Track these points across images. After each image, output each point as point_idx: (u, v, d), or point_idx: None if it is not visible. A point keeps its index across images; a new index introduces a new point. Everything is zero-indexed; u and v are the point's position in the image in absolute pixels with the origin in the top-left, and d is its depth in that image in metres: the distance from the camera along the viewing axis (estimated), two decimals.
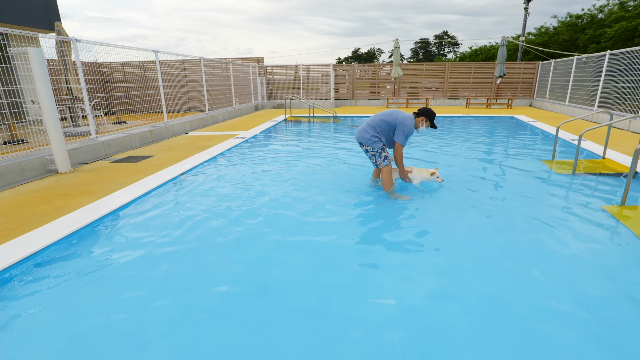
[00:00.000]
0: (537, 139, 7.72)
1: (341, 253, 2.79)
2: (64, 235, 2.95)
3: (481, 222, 3.32)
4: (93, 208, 3.56)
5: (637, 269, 2.48)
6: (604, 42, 15.29)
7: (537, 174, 4.85)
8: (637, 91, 8.64)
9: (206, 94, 10.62)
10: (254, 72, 15.51)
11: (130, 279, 2.44)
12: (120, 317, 2.06)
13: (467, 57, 29.23)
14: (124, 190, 4.13)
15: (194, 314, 2.08)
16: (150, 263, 2.64)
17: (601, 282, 2.34)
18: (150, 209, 3.68)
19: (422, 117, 3.97)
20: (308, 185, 4.46)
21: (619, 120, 4.52)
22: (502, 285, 2.34)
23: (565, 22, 19.12)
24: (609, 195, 3.97)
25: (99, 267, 2.59)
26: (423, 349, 1.80)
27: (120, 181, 4.54)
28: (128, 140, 6.84)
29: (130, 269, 2.57)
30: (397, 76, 15.13)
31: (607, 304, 2.12)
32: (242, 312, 2.10)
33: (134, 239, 3.03)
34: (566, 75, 12.77)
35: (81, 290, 2.31)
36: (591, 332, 1.90)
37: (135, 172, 5.01)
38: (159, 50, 7.99)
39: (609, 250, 2.77)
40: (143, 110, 7.82)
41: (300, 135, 8.45)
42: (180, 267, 2.60)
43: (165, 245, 2.90)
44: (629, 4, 15.78)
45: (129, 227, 3.26)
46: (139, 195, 3.99)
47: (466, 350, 1.79)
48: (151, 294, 2.28)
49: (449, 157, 5.96)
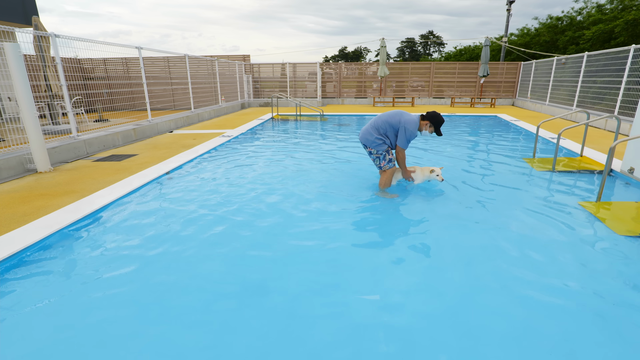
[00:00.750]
0: (519, 137, 7.92)
1: (331, 250, 2.81)
2: (44, 235, 2.87)
3: (465, 218, 3.40)
4: (75, 208, 3.48)
5: (610, 261, 2.60)
6: (582, 43, 15.76)
7: (519, 172, 4.98)
8: (613, 92, 8.97)
9: (191, 91, 10.47)
10: (240, 70, 15.37)
11: (114, 280, 2.40)
12: (102, 319, 2.03)
13: (452, 56, 29.67)
14: (106, 190, 4.04)
15: (180, 315, 2.07)
16: (135, 263, 2.60)
17: (577, 272, 2.44)
18: (134, 209, 3.62)
19: (427, 121, 3.79)
20: (295, 183, 4.47)
21: (595, 119, 4.69)
22: (485, 278, 2.40)
23: (546, 23, 19.62)
24: (586, 192, 4.12)
25: (82, 268, 2.54)
26: (406, 346, 1.84)
27: (102, 180, 4.44)
28: (111, 139, 6.69)
29: (113, 269, 2.52)
30: (384, 75, 15.24)
31: (580, 293, 2.21)
32: (230, 312, 2.10)
33: (117, 239, 2.98)
34: (547, 76, 13.13)
35: (62, 292, 2.26)
36: (568, 319, 1.98)
37: (118, 171, 4.91)
38: (142, 47, 7.83)
39: (583, 243, 2.87)
40: (126, 108, 7.65)
41: (287, 134, 8.43)
42: (164, 266, 2.57)
43: (150, 245, 2.87)
44: (606, 7, 16.32)
45: (112, 227, 3.20)
46: (123, 195, 3.92)
47: (448, 341, 1.84)
48: (135, 294, 2.25)
49: (435, 154, 6.05)
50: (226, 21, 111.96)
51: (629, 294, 2.24)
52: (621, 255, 2.69)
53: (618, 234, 3.00)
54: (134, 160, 5.55)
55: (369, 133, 3.91)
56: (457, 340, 1.85)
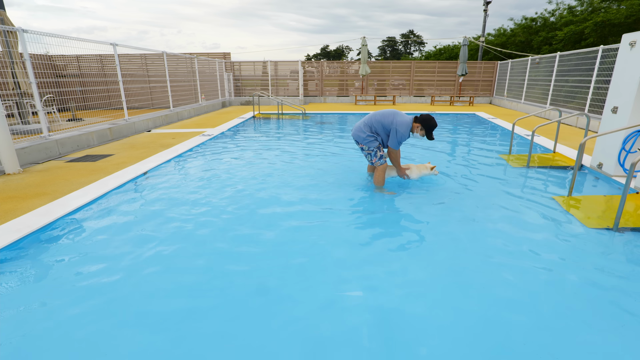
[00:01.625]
0: (496, 134, 8.15)
1: (318, 246, 2.81)
2: (13, 240, 2.75)
3: (446, 213, 3.47)
4: (46, 210, 3.34)
5: (578, 251, 2.71)
6: (555, 44, 16.35)
7: (496, 168, 5.13)
8: (584, 90, 9.35)
9: (170, 90, 10.23)
10: (221, 67, 15.13)
11: (88, 286, 2.32)
12: (75, 327, 1.95)
13: (432, 56, 30.18)
14: (81, 191, 3.90)
15: (156, 320, 2.02)
16: (111, 268, 2.52)
17: (548, 262, 2.53)
18: (110, 210, 3.50)
19: (419, 124, 3.77)
20: (279, 182, 4.44)
21: (567, 117, 4.88)
22: (463, 270, 2.46)
23: (521, 24, 20.22)
24: (558, 187, 4.28)
25: (53, 273, 2.44)
26: (389, 340, 1.86)
27: (76, 182, 4.28)
28: (85, 139, 6.46)
29: (87, 275, 2.44)
30: (365, 74, 15.35)
31: (549, 281, 2.30)
32: (214, 310, 2.07)
33: (92, 242, 2.88)
34: (522, 75, 13.55)
35: (32, 299, 2.16)
36: (537, 305, 2.06)
37: (93, 171, 4.74)
38: (117, 43, 7.59)
39: (555, 235, 2.99)
40: (102, 106, 7.39)
41: (269, 132, 8.37)
42: (141, 270, 2.50)
43: (127, 249, 2.78)
44: (577, 9, 16.98)
45: (87, 229, 3.09)
46: (98, 196, 3.79)
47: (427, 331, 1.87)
48: (110, 300, 2.18)
49: (417, 150, 6.15)
50: (206, 18, 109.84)
51: (596, 282, 2.35)
52: (589, 246, 2.81)
53: (587, 226, 3.13)
54: (110, 161, 5.38)
55: (361, 130, 3.94)
56: (437, 332, 1.89)
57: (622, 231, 3.03)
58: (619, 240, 2.90)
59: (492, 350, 1.78)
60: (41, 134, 5.80)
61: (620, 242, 2.88)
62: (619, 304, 2.12)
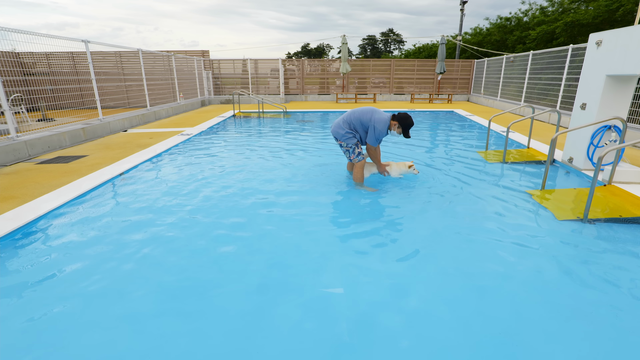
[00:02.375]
0: (473, 131, 8.36)
1: (297, 243, 2.81)
2: None
3: (426, 208, 3.53)
4: (15, 215, 3.19)
5: (550, 241, 2.83)
6: (528, 43, 16.89)
7: (473, 164, 5.26)
8: (556, 88, 9.72)
9: (146, 88, 9.95)
10: (200, 66, 14.84)
11: (59, 294, 2.23)
12: (45, 335, 1.88)
13: (412, 54, 30.60)
14: (53, 194, 3.74)
15: (132, 330, 1.97)
16: (85, 273, 2.44)
17: (522, 253, 2.63)
18: (85, 213, 3.38)
19: (396, 122, 3.80)
20: (261, 180, 4.40)
21: (540, 113, 5.05)
22: (442, 261, 2.52)
23: (496, 23, 20.78)
24: (532, 181, 4.44)
25: (24, 281, 2.33)
26: (367, 334, 1.88)
27: (48, 184, 4.11)
28: (56, 139, 6.20)
29: (60, 281, 2.35)
30: (346, 72, 15.41)
31: (522, 271, 2.39)
32: (194, 314, 2.03)
33: (66, 246, 2.77)
34: (497, 73, 13.95)
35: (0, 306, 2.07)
36: (509, 293, 2.13)
37: (66, 173, 4.56)
38: (89, 40, 7.31)
39: (529, 227, 3.10)
40: (74, 106, 7.10)
41: (250, 131, 8.28)
42: (118, 274, 2.43)
43: (103, 252, 2.70)
44: (548, 9, 17.61)
45: (59, 234, 2.97)
46: (72, 199, 3.65)
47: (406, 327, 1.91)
48: (81, 310, 2.11)
49: (398, 147, 6.23)
50: (184, 15, 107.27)
51: (566, 269, 2.45)
52: (560, 236, 2.93)
53: (559, 218, 3.27)
54: (83, 162, 5.18)
55: (340, 127, 3.97)
56: (410, 324, 1.93)
57: (592, 222, 3.18)
58: (588, 231, 3.04)
59: (471, 339, 1.83)
60: (8, 135, 5.53)
61: (589, 232, 3.02)
62: (585, 290, 2.23)
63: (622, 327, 1.92)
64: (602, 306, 2.09)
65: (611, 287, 2.27)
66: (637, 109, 6.62)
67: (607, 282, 2.33)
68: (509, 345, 1.79)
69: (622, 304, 2.11)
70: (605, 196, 3.77)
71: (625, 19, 12.34)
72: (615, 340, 1.84)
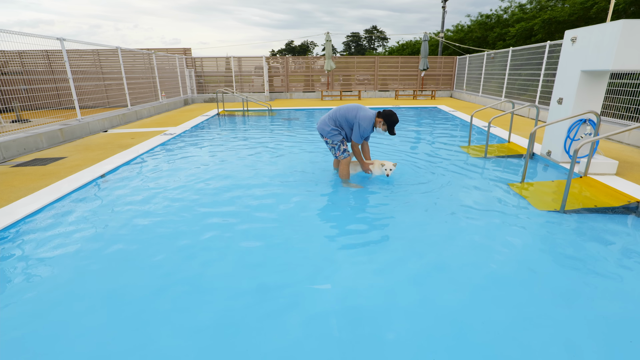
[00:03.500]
0: (457, 126, 8.51)
1: (283, 240, 2.81)
2: None
3: (410, 203, 3.59)
4: None
5: (530, 232, 2.93)
6: (508, 39, 17.26)
7: (457, 159, 5.36)
8: (535, 83, 9.98)
9: (127, 87, 9.71)
10: (182, 64, 14.57)
11: (37, 302, 2.17)
12: (23, 342, 1.83)
13: (395, 51, 30.84)
14: (30, 198, 3.62)
15: (111, 337, 1.94)
16: (64, 279, 2.38)
17: (504, 244, 2.71)
18: (65, 217, 3.29)
19: (381, 119, 3.80)
20: (245, 179, 4.37)
21: (519, 108, 5.19)
22: (426, 255, 2.57)
23: (477, 21, 21.16)
24: (513, 174, 4.56)
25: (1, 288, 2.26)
26: (357, 328, 1.90)
27: (24, 188, 3.97)
28: (32, 141, 5.99)
29: (36, 285, 2.28)
30: (330, 69, 15.41)
31: (504, 261, 2.47)
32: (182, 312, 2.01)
33: (45, 252, 2.69)
34: (479, 69, 14.22)
35: None
36: (493, 281, 2.19)
37: (43, 176, 4.42)
38: (65, 38, 7.07)
39: (510, 219, 3.20)
40: (51, 106, 6.87)
41: (235, 130, 8.20)
42: (100, 277, 2.38)
43: (83, 257, 2.63)
44: (527, 7, 18.04)
45: (38, 239, 2.88)
46: (51, 202, 3.54)
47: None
48: (60, 318, 2.06)
49: (385, 145, 6.29)
50: (164, 12, 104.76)
51: (544, 260, 2.54)
52: (539, 227, 3.04)
53: (538, 209, 3.38)
54: (62, 164, 5.03)
55: (325, 124, 3.97)
56: (404, 317, 1.97)
57: (568, 212, 3.30)
58: (564, 221, 3.15)
59: (454, 329, 1.88)
60: None
61: (566, 222, 3.13)
62: (563, 276, 2.31)
63: (595, 309, 2.01)
64: (576, 288, 2.18)
65: (586, 271, 2.37)
66: (610, 103, 6.88)
67: (581, 267, 2.42)
68: (493, 334, 1.85)
69: (595, 286, 2.21)
70: (581, 187, 3.91)
71: (599, 16, 12.76)
72: (592, 322, 1.93)
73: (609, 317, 1.98)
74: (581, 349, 1.74)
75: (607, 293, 2.18)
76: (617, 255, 2.61)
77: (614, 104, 6.80)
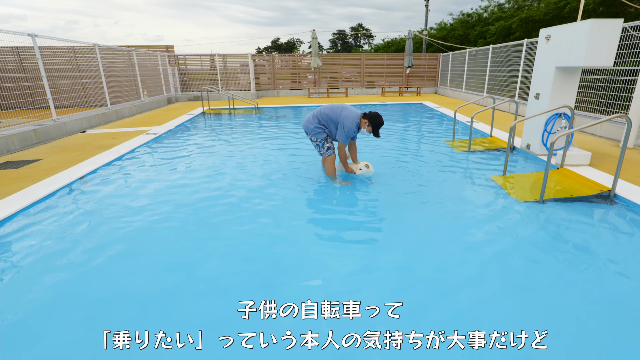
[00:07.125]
0: (442, 122, 8.62)
1: (272, 239, 2.78)
2: None
3: (396, 198, 3.61)
4: None
5: (511, 223, 3.00)
6: (488, 37, 17.58)
7: (442, 153, 5.43)
8: (514, 79, 10.19)
9: (106, 86, 9.45)
10: (164, 61, 14.28)
11: (8, 306, 2.09)
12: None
13: (381, 48, 31.02)
14: (1, 203, 3.48)
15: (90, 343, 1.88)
16: (42, 287, 2.29)
17: (488, 233, 2.76)
18: (40, 223, 3.17)
19: (366, 120, 3.75)
20: (232, 177, 4.32)
21: (500, 103, 5.29)
22: (413, 246, 2.59)
23: (459, 19, 21.47)
24: (495, 167, 4.64)
25: None
26: (346, 325, 1.90)
27: None
28: (3, 143, 5.75)
29: (10, 295, 2.19)
30: (317, 66, 15.38)
31: (486, 251, 2.52)
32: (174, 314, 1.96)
33: (17, 262, 2.58)
34: (461, 66, 14.43)
35: None
36: (475, 271, 2.23)
37: (16, 180, 4.25)
38: (37, 34, 6.82)
39: (493, 210, 3.27)
40: (23, 105, 6.61)
41: (221, 128, 8.09)
42: (80, 285, 2.31)
43: (61, 265, 2.54)
44: (505, 6, 18.43)
45: (11, 247, 2.77)
46: (24, 207, 3.40)
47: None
48: (39, 330, 1.99)
49: (371, 138, 6.31)
50: (146, 8, 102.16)
51: (525, 248, 2.60)
52: (520, 217, 3.11)
53: (519, 200, 3.45)
54: (36, 167, 4.85)
55: (310, 121, 3.96)
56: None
57: (546, 202, 3.39)
58: (543, 210, 3.23)
59: (441, 318, 1.90)
60: None
61: (545, 211, 3.21)
62: (541, 262, 2.37)
63: (575, 295, 2.07)
64: (553, 274, 2.24)
65: (564, 255, 2.44)
66: (583, 98, 7.09)
67: (559, 252, 2.49)
68: (480, 321, 1.88)
69: (570, 272, 2.27)
70: (558, 178, 4.01)
71: (572, 15, 13.15)
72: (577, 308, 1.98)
73: (582, 298, 2.03)
74: (559, 334, 1.79)
75: (582, 275, 2.25)
76: (590, 240, 2.72)
77: (586, 99, 7.01)
